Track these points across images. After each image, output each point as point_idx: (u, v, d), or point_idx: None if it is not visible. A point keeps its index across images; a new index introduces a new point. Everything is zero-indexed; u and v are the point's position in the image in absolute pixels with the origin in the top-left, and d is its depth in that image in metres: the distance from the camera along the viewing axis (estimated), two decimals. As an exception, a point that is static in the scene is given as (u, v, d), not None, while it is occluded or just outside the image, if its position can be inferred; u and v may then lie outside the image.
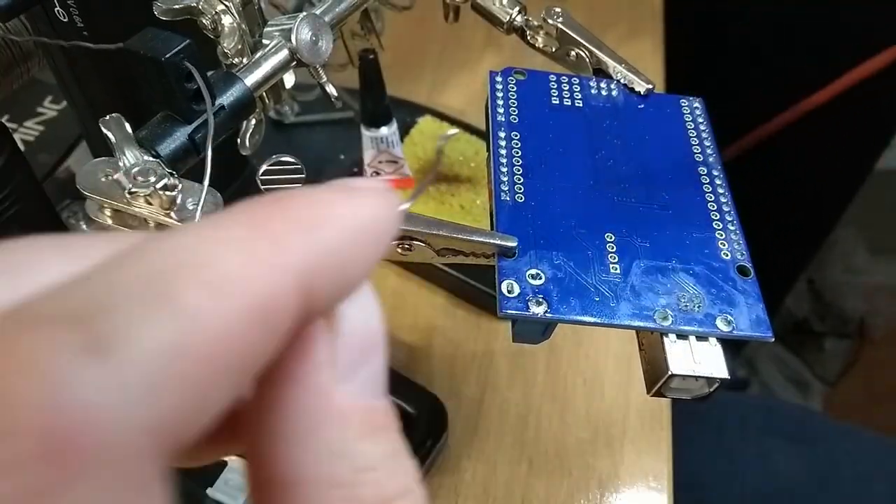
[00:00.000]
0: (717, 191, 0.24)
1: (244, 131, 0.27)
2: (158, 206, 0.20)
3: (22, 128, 0.58)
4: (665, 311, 0.21)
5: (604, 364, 0.48)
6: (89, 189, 0.21)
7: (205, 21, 0.26)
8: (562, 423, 0.46)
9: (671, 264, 0.22)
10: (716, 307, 0.21)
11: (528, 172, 0.24)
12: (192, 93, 0.23)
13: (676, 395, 0.21)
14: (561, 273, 0.21)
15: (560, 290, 0.21)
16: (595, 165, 0.25)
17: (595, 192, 0.24)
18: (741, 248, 0.22)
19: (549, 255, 0.22)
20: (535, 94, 0.27)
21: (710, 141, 0.26)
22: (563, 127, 0.26)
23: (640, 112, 0.27)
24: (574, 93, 0.27)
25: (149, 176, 0.20)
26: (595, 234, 0.22)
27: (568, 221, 0.23)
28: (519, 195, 0.23)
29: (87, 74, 0.39)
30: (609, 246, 0.22)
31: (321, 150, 0.56)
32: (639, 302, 0.21)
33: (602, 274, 0.21)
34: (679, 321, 0.20)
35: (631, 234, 0.22)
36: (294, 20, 0.25)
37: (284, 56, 0.25)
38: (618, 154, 0.25)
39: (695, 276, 0.22)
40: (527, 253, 0.22)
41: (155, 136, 0.22)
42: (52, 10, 0.35)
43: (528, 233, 0.22)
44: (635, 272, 0.21)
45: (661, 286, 0.21)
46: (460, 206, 0.52)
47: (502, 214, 0.23)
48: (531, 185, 0.24)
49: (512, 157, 0.25)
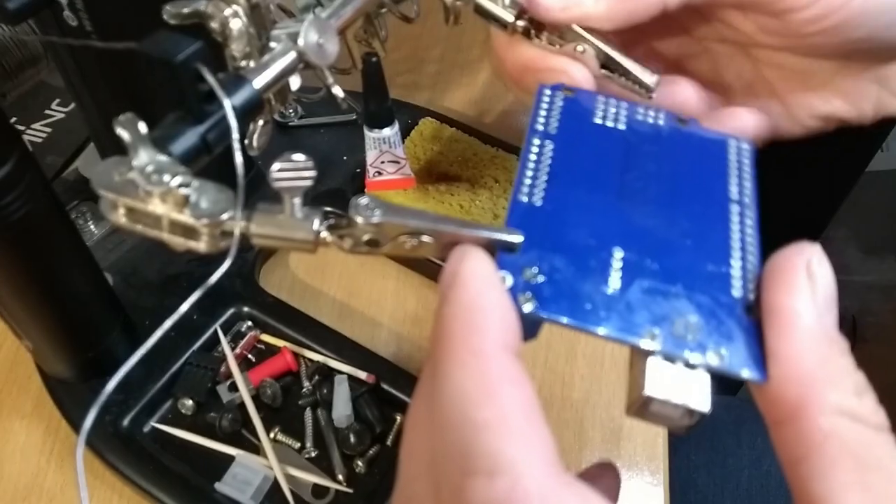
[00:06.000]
0: (746, 230, 0.24)
1: (252, 133, 0.28)
2: (173, 203, 0.21)
3: (30, 130, 0.59)
4: (654, 331, 0.20)
5: (600, 363, 0.49)
6: (104, 188, 0.21)
7: (213, 24, 0.27)
8: (558, 421, 0.47)
9: (675, 289, 0.21)
10: (711, 339, 0.20)
11: (552, 179, 0.24)
12: (204, 94, 0.23)
13: (655, 420, 0.20)
14: (558, 276, 0.21)
15: (552, 291, 0.21)
16: (622, 184, 0.24)
17: (615, 209, 0.24)
18: (754, 289, 0.22)
19: (551, 258, 0.22)
20: (580, 110, 0.27)
21: (750, 183, 0.25)
22: (599, 145, 0.26)
23: (684, 143, 0.27)
24: (619, 115, 0.27)
25: (163, 174, 0.20)
26: (604, 247, 0.22)
27: (579, 231, 0.23)
28: (538, 198, 0.24)
29: (96, 77, 0.40)
30: (615, 262, 0.22)
31: (325, 151, 0.57)
32: (630, 317, 0.20)
33: (600, 285, 0.21)
34: (667, 344, 0.20)
35: (641, 255, 0.22)
36: (301, 23, 0.26)
37: (292, 58, 0.26)
38: (649, 178, 0.25)
39: (697, 305, 0.21)
40: (529, 251, 0.22)
41: (167, 136, 0.23)
42: (61, 14, 0.35)
43: (536, 234, 0.22)
44: (635, 289, 0.21)
45: (658, 307, 0.21)
46: (459, 206, 0.52)
47: (515, 212, 0.23)
48: (552, 192, 0.24)
49: (540, 163, 0.25)
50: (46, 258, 0.37)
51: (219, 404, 0.44)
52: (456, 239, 0.21)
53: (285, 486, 0.41)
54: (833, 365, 0.18)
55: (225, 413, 0.44)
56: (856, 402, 0.18)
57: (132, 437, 0.43)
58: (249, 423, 0.44)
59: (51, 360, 0.44)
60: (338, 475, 0.42)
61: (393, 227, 0.21)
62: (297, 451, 0.43)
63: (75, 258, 0.40)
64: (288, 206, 0.21)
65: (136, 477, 0.41)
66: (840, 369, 0.18)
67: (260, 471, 0.42)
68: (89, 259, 0.41)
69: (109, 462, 0.42)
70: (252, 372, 0.45)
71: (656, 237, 0.23)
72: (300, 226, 0.21)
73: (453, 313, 0.19)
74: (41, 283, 0.38)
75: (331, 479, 0.42)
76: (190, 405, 0.44)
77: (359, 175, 0.54)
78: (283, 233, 0.21)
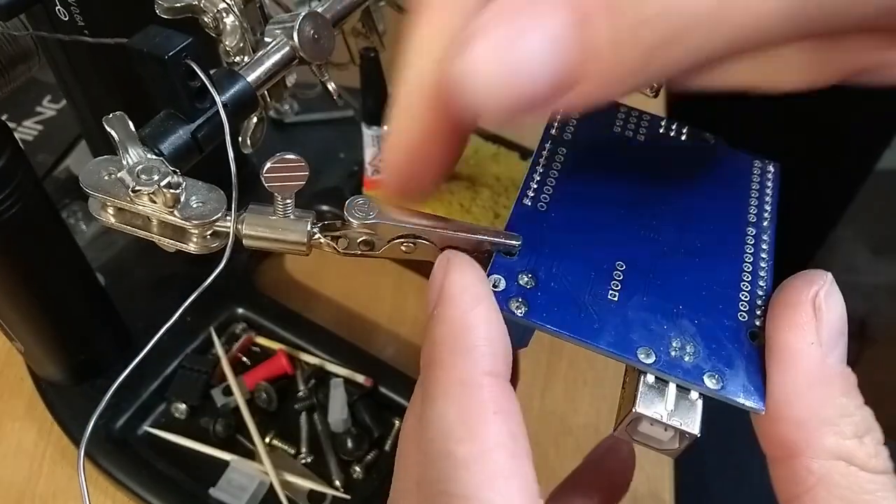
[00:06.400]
0: (760, 255, 0.23)
1: (245, 130, 0.27)
2: (162, 203, 0.20)
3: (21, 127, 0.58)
4: (650, 349, 0.20)
5: (604, 366, 0.49)
6: (92, 187, 0.21)
7: (206, 19, 0.26)
8: (562, 425, 0.46)
9: (677, 308, 0.21)
10: (709, 363, 0.20)
11: (560, 186, 0.23)
12: (195, 91, 0.23)
13: (643, 440, 0.20)
14: (555, 283, 0.21)
15: (546, 299, 0.20)
16: (633, 196, 0.24)
17: (622, 220, 0.23)
18: (761, 316, 0.21)
19: (549, 264, 0.21)
20: (598, 120, 0.26)
21: (770, 206, 0.25)
22: (613, 155, 0.25)
23: (705, 160, 0.26)
24: (640, 127, 0.26)
25: (152, 174, 0.20)
26: (606, 258, 0.22)
27: (582, 240, 0.22)
28: (542, 204, 0.23)
29: (87, 73, 0.39)
30: (616, 273, 0.21)
31: (322, 148, 0.56)
32: (626, 333, 0.20)
33: (598, 297, 0.21)
34: (662, 364, 0.19)
35: (645, 270, 0.21)
36: (296, 18, 0.25)
37: (286, 53, 0.25)
38: (662, 192, 0.24)
39: (698, 327, 0.20)
40: (527, 256, 0.21)
41: (158, 135, 0.22)
42: (52, 8, 0.35)
43: (536, 239, 0.22)
44: (634, 305, 0.21)
45: (656, 325, 0.20)
46: (460, 205, 0.52)
47: (517, 216, 0.22)
48: (559, 199, 0.23)
49: (550, 169, 0.24)
50: (37, 258, 0.37)
51: (213, 408, 0.44)
52: (454, 243, 0.21)
53: (281, 493, 0.40)
54: (833, 406, 0.18)
55: (219, 417, 0.43)
56: (854, 444, 0.18)
57: (125, 441, 0.42)
58: (244, 428, 0.43)
59: (42, 363, 0.43)
60: (335, 481, 0.41)
61: (389, 229, 0.21)
62: (293, 457, 0.43)
63: (66, 258, 0.39)
64: (280, 207, 0.20)
65: (129, 482, 0.41)
66: (840, 410, 0.18)
67: (255, 476, 0.41)
68: (81, 259, 0.40)
69: (102, 467, 0.41)
70: (247, 375, 0.45)
71: (663, 254, 0.22)
72: (293, 227, 0.20)
73: (440, 335, 0.19)
74: (31, 284, 0.37)
75: (327, 485, 0.41)
76: (183, 409, 0.44)
77: (356, 173, 0.53)
78: (275, 234, 0.21)
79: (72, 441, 0.43)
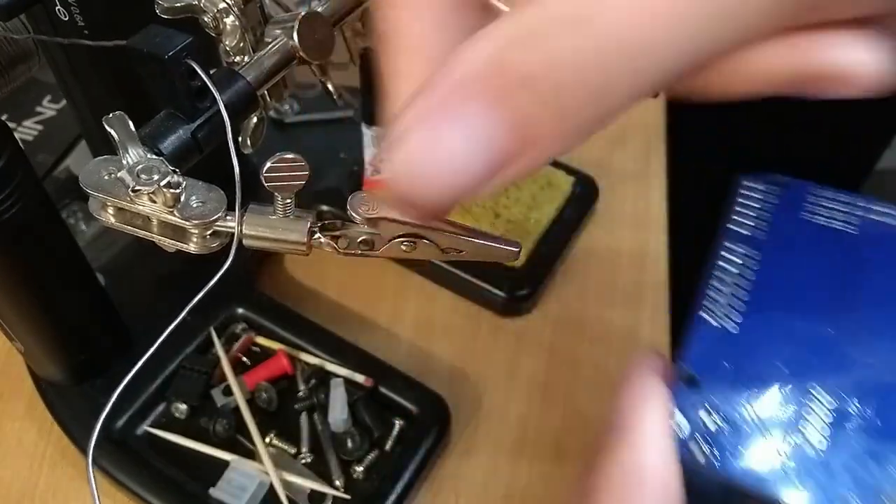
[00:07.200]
0: None
1: (245, 130, 0.27)
2: (162, 203, 0.20)
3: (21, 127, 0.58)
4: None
5: (605, 366, 0.48)
6: (92, 187, 0.21)
7: (206, 19, 0.26)
8: (563, 425, 0.46)
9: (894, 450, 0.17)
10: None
11: (754, 301, 0.20)
12: (196, 90, 0.23)
13: None
14: (745, 424, 0.18)
15: (734, 442, 0.18)
16: (841, 308, 0.20)
17: (829, 340, 0.19)
18: None
19: (738, 399, 0.18)
20: (794, 209, 0.22)
21: None
22: (816, 254, 0.21)
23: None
24: (851, 215, 0.22)
25: (152, 174, 0.20)
26: (807, 390, 0.18)
27: (778, 368, 0.19)
28: (732, 324, 0.20)
29: (88, 73, 0.39)
30: (819, 409, 0.18)
31: (322, 148, 0.56)
32: (831, 484, 0.17)
33: (798, 439, 0.18)
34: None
35: (855, 402, 0.18)
36: (296, 18, 0.25)
37: (286, 54, 0.25)
38: (879, 299, 0.20)
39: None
40: (713, 389, 0.18)
41: (158, 134, 0.22)
42: (52, 9, 0.35)
43: (723, 368, 0.19)
44: (842, 447, 0.17)
45: (867, 475, 0.17)
46: (460, 205, 0.52)
47: (700, 339, 0.19)
48: (751, 315, 0.20)
49: (743, 278, 0.21)
50: (37, 259, 0.37)
51: (213, 408, 0.44)
52: (454, 244, 0.21)
53: (281, 493, 0.40)
54: None
55: (219, 417, 0.43)
56: None
57: (125, 441, 0.42)
58: (244, 428, 0.43)
59: (42, 363, 0.43)
60: (335, 481, 0.41)
61: (390, 228, 0.21)
62: (294, 457, 0.43)
63: (66, 258, 0.39)
64: (280, 206, 0.20)
65: (129, 482, 0.41)
66: None
67: (255, 476, 0.41)
68: (81, 259, 0.40)
69: (102, 466, 0.41)
70: (247, 375, 0.45)
71: (879, 380, 0.19)
72: (293, 227, 0.20)
73: (612, 478, 0.17)
74: (31, 284, 0.37)
75: (328, 486, 0.41)
76: (184, 409, 0.44)
77: (356, 173, 0.53)
78: (276, 234, 0.21)
79: (72, 441, 0.43)
